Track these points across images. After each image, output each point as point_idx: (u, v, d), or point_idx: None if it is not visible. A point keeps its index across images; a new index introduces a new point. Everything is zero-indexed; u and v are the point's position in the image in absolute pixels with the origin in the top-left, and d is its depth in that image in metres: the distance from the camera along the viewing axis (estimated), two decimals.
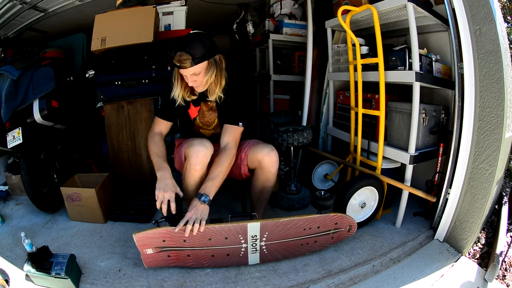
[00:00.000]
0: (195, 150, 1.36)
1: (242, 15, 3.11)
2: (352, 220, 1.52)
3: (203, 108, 1.56)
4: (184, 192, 1.45)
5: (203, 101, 1.54)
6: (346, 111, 2.10)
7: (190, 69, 1.32)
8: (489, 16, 1.30)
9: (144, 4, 2.30)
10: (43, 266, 1.29)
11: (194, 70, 1.32)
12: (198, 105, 1.56)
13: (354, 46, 1.79)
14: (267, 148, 1.50)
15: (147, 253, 1.36)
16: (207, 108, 1.56)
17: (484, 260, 1.50)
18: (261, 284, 1.38)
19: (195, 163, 1.37)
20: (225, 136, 1.46)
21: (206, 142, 1.40)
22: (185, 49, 1.29)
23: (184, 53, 1.28)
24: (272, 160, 1.49)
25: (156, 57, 2.05)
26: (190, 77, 1.36)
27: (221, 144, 1.46)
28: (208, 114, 1.58)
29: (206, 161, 1.39)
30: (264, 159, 1.49)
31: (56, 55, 2.50)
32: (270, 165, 1.50)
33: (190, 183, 1.43)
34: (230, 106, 1.51)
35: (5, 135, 1.87)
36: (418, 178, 1.88)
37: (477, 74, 1.37)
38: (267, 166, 1.50)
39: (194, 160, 1.37)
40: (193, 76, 1.35)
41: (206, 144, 1.39)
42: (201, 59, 1.32)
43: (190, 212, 1.30)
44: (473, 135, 1.42)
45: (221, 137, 1.47)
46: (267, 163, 1.49)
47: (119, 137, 2.04)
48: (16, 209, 2.03)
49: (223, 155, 1.40)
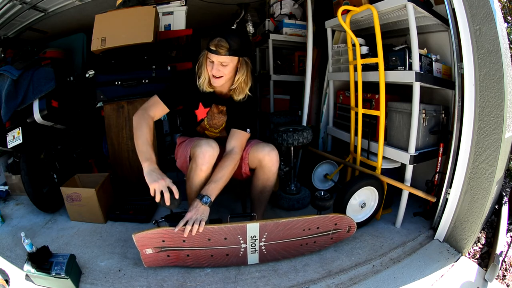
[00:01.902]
0: (202, 151, 1.35)
1: (242, 15, 3.10)
2: (351, 221, 1.52)
3: (213, 110, 1.56)
4: (186, 191, 1.46)
5: (215, 104, 1.55)
6: (346, 111, 2.10)
7: (222, 57, 1.35)
8: (489, 16, 1.30)
9: (144, 4, 2.30)
10: (43, 266, 1.29)
11: (225, 59, 1.36)
12: (208, 106, 1.56)
13: (354, 46, 1.79)
14: (268, 147, 1.51)
15: (146, 253, 1.36)
16: (218, 111, 1.56)
17: (484, 260, 1.50)
18: (261, 284, 1.38)
19: (201, 163, 1.36)
20: (232, 141, 1.47)
21: (213, 143, 1.39)
22: (225, 37, 1.32)
23: (224, 40, 1.32)
24: (272, 160, 1.50)
25: (156, 57, 2.05)
26: (217, 65, 1.37)
27: (227, 147, 1.47)
28: (218, 117, 1.57)
29: (212, 162, 1.38)
30: (264, 159, 1.49)
31: (56, 55, 2.50)
32: (271, 164, 1.50)
33: (195, 183, 1.41)
34: (242, 112, 1.52)
35: (5, 135, 1.87)
36: (418, 178, 1.88)
37: (477, 74, 1.37)
38: (267, 166, 1.50)
39: (201, 160, 1.36)
40: (220, 65, 1.37)
41: (213, 145, 1.38)
42: (235, 53, 1.36)
43: (191, 212, 1.30)
44: (473, 135, 1.42)
45: (228, 141, 1.48)
46: (267, 162, 1.50)
47: (119, 137, 2.04)
48: (16, 209, 2.03)
49: (228, 159, 1.41)
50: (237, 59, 1.40)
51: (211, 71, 1.39)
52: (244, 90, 1.48)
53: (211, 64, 1.39)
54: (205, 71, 1.44)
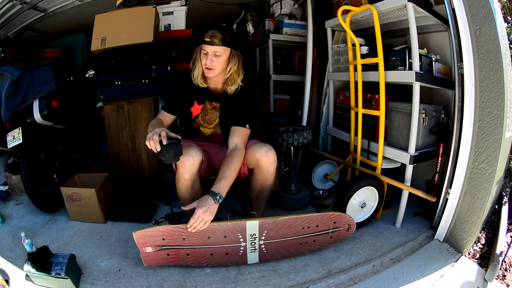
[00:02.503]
0: (182, 161, 1.40)
1: (242, 15, 3.10)
2: (350, 219, 1.53)
3: (207, 106, 1.61)
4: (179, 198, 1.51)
5: (208, 100, 1.60)
6: (346, 111, 2.09)
7: (216, 47, 1.42)
8: (489, 16, 1.30)
9: (144, 4, 2.30)
10: (43, 266, 1.29)
11: (218, 49, 1.43)
12: (202, 103, 1.61)
13: (354, 46, 1.79)
14: (265, 147, 1.51)
15: (146, 251, 1.36)
16: (211, 106, 1.60)
17: (484, 260, 1.50)
18: (261, 284, 1.38)
19: (183, 172, 1.43)
20: (234, 138, 1.50)
21: (192, 151, 1.43)
22: (219, 29, 1.42)
23: (218, 32, 1.41)
24: (270, 160, 1.50)
25: (156, 57, 2.06)
26: (210, 55, 1.43)
27: (229, 145, 1.50)
28: (211, 113, 1.61)
29: (193, 170, 1.43)
30: (262, 159, 1.49)
31: (56, 55, 2.50)
32: (268, 164, 1.50)
33: (182, 191, 1.49)
34: (238, 108, 1.55)
35: (5, 135, 1.87)
36: (418, 178, 1.88)
37: (477, 74, 1.37)
38: (265, 166, 1.51)
39: (182, 170, 1.43)
40: (214, 56, 1.43)
41: (192, 153, 1.42)
42: (228, 44, 1.44)
43: (202, 208, 1.28)
44: (473, 135, 1.42)
45: (230, 138, 1.51)
46: (264, 162, 1.50)
47: (119, 137, 2.04)
48: (16, 209, 2.03)
49: (234, 155, 1.43)
50: (229, 51, 1.46)
51: (205, 62, 1.44)
52: (236, 80, 1.52)
53: (205, 56, 1.45)
54: (199, 64, 1.49)
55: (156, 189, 2.10)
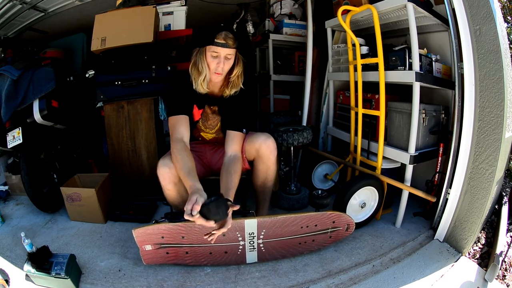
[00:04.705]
0: (161, 173, 1.39)
1: (242, 15, 3.10)
2: (349, 219, 1.53)
3: (207, 111, 1.56)
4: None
5: (207, 104, 1.55)
6: (346, 111, 2.09)
7: (230, 49, 1.35)
8: (489, 16, 1.30)
9: (144, 4, 2.30)
10: (43, 266, 1.29)
11: (231, 51, 1.37)
12: (201, 107, 1.56)
13: (354, 46, 1.79)
14: (263, 136, 1.50)
15: (146, 249, 1.36)
16: (211, 111, 1.56)
17: (484, 260, 1.50)
18: (261, 284, 1.38)
19: (164, 184, 1.42)
20: (232, 145, 1.46)
21: (169, 162, 1.38)
22: (230, 31, 1.36)
23: (230, 33, 1.35)
24: (269, 147, 1.48)
25: (156, 57, 2.05)
26: (223, 58, 1.36)
27: (227, 152, 1.46)
28: (212, 117, 1.57)
29: (173, 179, 1.39)
30: (261, 147, 1.48)
31: (56, 55, 2.50)
32: (268, 152, 1.49)
33: (170, 199, 1.49)
34: (236, 110, 1.51)
35: (5, 135, 1.87)
36: (418, 178, 1.88)
37: (477, 74, 1.37)
38: (265, 154, 1.49)
39: (162, 182, 1.41)
40: (225, 59, 1.37)
41: (169, 164, 1.37)
42: (238, 46, 1.39)
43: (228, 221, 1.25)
44: (473, 135, 1.42)
45: (227, 144, 1.47)
46: (265, 150, 1.48)
47: (119, 137, 2.04)
48: (16, 209, 2.03)
49: (236, 164, 1.41)
50: (236, 54, 1.42)
51: (217, 65, 1.36)
52: (238, 84, 1.48)
53: (215, 60, 1.35)
54: (205, 67, 1.38)
55: (156, 189, 2.07)
